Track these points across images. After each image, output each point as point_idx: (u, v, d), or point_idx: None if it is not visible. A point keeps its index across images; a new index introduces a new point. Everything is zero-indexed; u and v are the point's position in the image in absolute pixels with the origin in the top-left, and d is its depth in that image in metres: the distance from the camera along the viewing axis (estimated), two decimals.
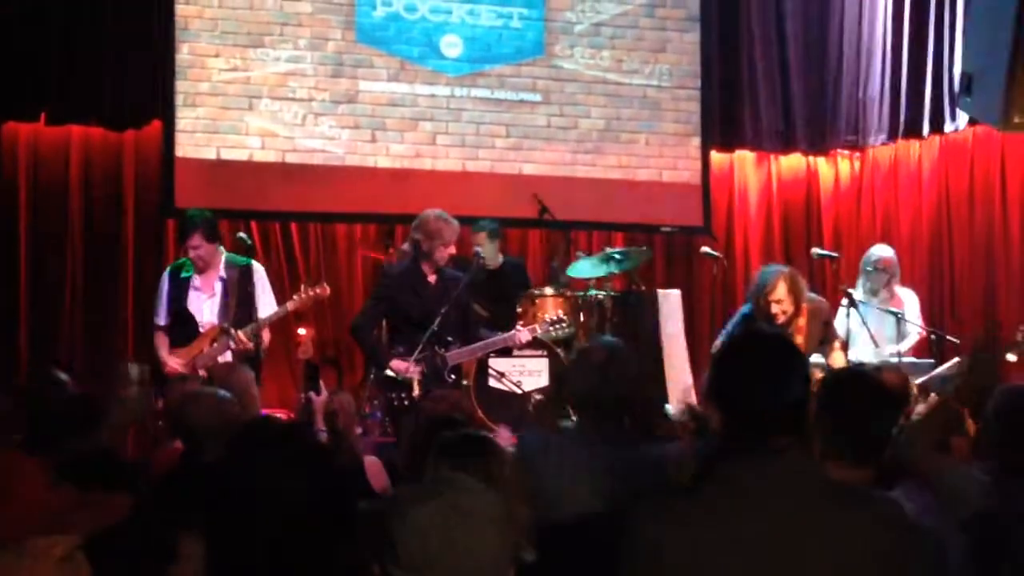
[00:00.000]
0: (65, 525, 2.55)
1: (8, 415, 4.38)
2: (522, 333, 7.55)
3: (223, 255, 7.40)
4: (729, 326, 7.60)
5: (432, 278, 7.41)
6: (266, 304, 7.32)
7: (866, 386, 3.52)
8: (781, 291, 7.23)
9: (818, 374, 6.15)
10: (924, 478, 3.77)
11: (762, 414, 2.59)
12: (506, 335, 7.55)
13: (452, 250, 7.47)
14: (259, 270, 7.44)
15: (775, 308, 7.19)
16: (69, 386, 5.39)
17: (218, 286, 7.28)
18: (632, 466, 3.90)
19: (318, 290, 7.39)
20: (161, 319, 7.40)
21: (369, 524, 2.39)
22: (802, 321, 7.32)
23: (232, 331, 7.05)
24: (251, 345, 7.08)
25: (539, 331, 7.64)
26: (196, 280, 7.30)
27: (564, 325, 7.73)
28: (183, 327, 7.29)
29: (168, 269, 7.55)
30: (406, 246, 7.72)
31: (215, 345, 7.16)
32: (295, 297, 7.39)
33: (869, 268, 8.79)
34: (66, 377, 5.48)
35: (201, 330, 7.23)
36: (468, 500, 2.33)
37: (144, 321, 8.78)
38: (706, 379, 2.75)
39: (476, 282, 7.85)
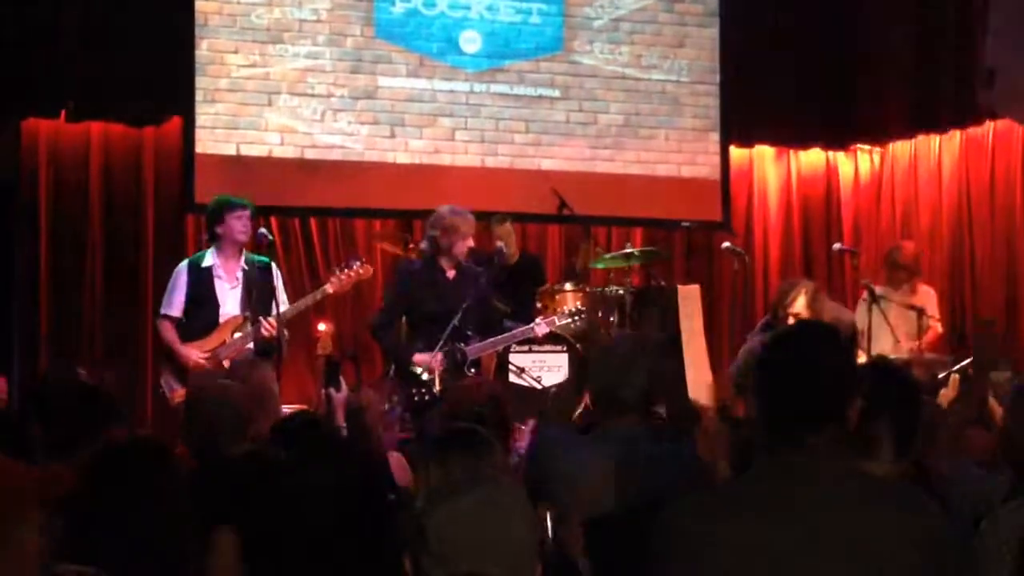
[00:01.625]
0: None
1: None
2: (540, 326, 7.55)
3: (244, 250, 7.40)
4: (750, 338, 7.62)
5: (451, 273, 7.40)
6: (282, 304, 7.29)
7: (899, 381, 3.50)
8: (800, 304, 7.25)
9: None
10: (935, 480, 3.74)
11: (802, 408, 2.58)
12: (524, 328, 7.55)
13: (470, 243, 7.46)
14: (276, 270, 7.42)
15: (792, 320, 7.19)
16: (87, 380, 5.40)
17: (240, 276, 7.25)
18: (656, 462, 3.89)
19: (360, 270, 7.34)
20: (175, 310, 7.26)
21: (400, 516, 2.40)
22: None
23: (260, 318, 7.03)
24: (275, 332, 7.02)
25: (557, 323, 7.64)
26: (219, 269, 7.26)
27: (582, 316, 7.73)
28: (199, 318, 7.23)
29: (187, 261, 7.44)
30: (424, 244, 7.70)
31: (236, 336, 7.14)
32: (333, 279, 7.34)
33: (891, 263, 8.78)
34: (84, 372, 5.51)
35: (221, 320, 7.22)
36: (499, 493, 2.34)
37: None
38: (735, 372, 2.75)
39: (495, 277, 7.83)
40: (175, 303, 7.28)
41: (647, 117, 10.27)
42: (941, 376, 7.17)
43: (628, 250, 9.09)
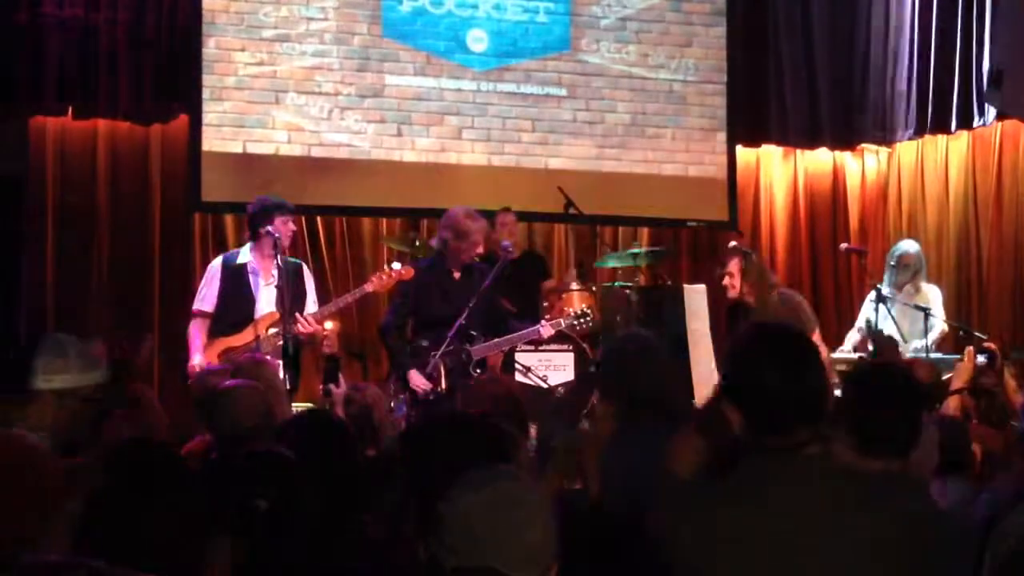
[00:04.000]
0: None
1: None
2: (545, 327, 7.53)
3: None
4: None
5: (457, 274, 7.40)
6: (311, 304, 7.32)
7: (895, 380, 3.50)
8: (732, 266, 7.86)
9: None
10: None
11: (781, 406, 2.59)
12: (530, 329, 7.54)
13: (480, 249, 7.46)
14: (308, 272, 7.45)
15: (726, 280, 7.95)
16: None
17: (275, 274, 7.23)
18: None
19: (402, 271, 7.35)
20: (207, 305, 7.22)
21: (417, 507, 2.41)
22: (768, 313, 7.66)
23: (297, 315, 7.05)
24: (315, 328, 7.10)
25: (563, 324, 7.62)
26: (254, 266, 7.22)
27: (588, 319, 7.71)
28: (233, 314, 7.18)
29: (221, 258, 7.41)
30: (434, 242, 7.68)
31: (272, 331, 7.11)
32: (374, 278, 7.35)
33: (893, 263, 8.79)
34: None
35: (256, 316, 7.18)
36: (518, 490, 2.35)
37: (172, 315, 8.86)
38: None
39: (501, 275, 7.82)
40: (207, 298, 7.26)
41: (654, 116, 10.27)
42: (948, 377, 7.15)
43: (635, 250, 9.09)
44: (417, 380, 7.16)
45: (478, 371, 7.25)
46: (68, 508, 2.53)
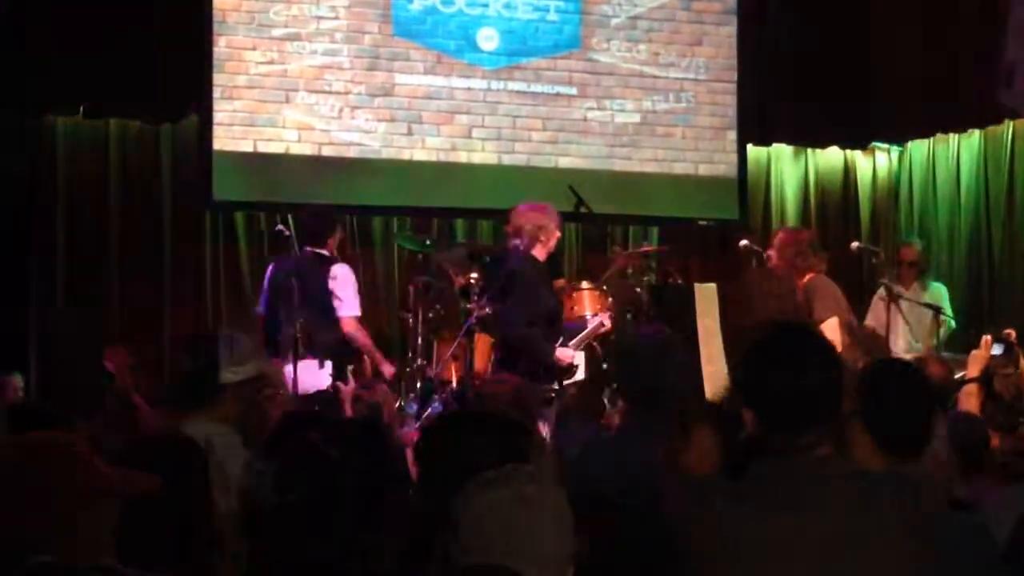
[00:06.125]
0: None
1: None
2: (606, 318, 7.69)
3: None
4: None
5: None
6: None
7: (905, 377, 3.48)
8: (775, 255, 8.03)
9: None
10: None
11: (786, 406, 2.58)
12: (596, 323, 7.65)
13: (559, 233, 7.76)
14: None
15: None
16: None
17: None
18: None
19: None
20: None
21: (433, 507, 2.41)
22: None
23: None
24: None
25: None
26: None
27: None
28: None
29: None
30: (517, 242, 7.67)
31: None
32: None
33: (899, 261, 8.82)
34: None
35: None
36: (533, 491, 2.34)
37: (182, 314, 8.89)
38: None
39: None
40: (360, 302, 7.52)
41: (664, 115, 10.25)
42: (959, 375, 7.13)
43: (643, 248, 9.13)
44: (562, 353, 7.46)
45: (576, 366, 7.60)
46: (108, 512, 2.51)
